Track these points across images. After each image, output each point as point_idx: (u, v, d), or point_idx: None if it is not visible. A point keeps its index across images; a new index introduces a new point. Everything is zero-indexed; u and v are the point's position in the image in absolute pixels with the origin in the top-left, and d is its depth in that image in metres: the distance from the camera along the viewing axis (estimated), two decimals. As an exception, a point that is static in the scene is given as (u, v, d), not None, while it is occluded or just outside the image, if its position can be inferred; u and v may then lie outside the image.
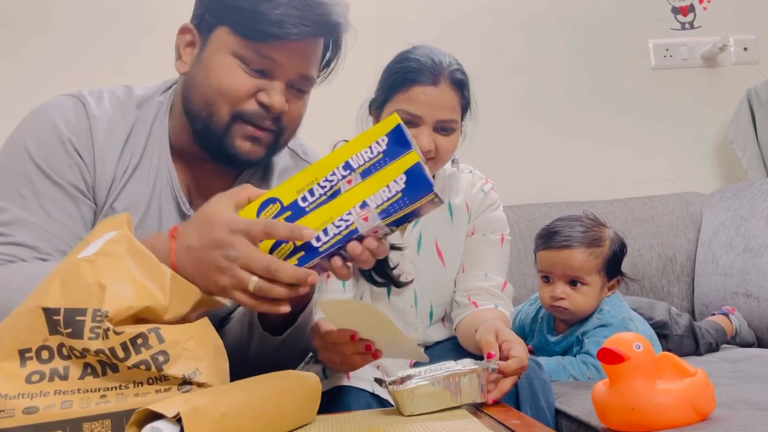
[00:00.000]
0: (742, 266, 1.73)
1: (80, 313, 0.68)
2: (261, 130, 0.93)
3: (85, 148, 0.93)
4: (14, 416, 0.65)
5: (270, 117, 0.92)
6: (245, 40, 0.89)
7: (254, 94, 0.91)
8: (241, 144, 0.93)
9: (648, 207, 2.03)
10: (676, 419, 0.88)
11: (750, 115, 2.16)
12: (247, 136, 0.92)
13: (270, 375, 0.80)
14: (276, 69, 0.91)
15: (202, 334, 0.73)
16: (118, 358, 0.67)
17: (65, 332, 0.67)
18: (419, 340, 1.32)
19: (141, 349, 0.68)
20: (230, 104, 0.91)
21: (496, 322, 1.07)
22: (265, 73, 0.91)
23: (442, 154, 1.20)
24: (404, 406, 0.85)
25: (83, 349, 0.67)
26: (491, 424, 0.81)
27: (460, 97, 1.21)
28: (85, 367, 0.68)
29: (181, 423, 0.60)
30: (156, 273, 0.72)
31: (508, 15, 2.24)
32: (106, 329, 0.67)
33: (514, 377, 0.95)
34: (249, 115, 0.91)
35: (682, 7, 2.34)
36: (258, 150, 0.94)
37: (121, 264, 0.71)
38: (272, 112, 0.91)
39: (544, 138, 2.21)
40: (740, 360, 1.49)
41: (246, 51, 0.90)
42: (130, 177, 0.95)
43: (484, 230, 1.31)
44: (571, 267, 1.37)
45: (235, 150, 0.93)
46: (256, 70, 0.91)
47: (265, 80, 0.91)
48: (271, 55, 0.90)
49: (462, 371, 0.86)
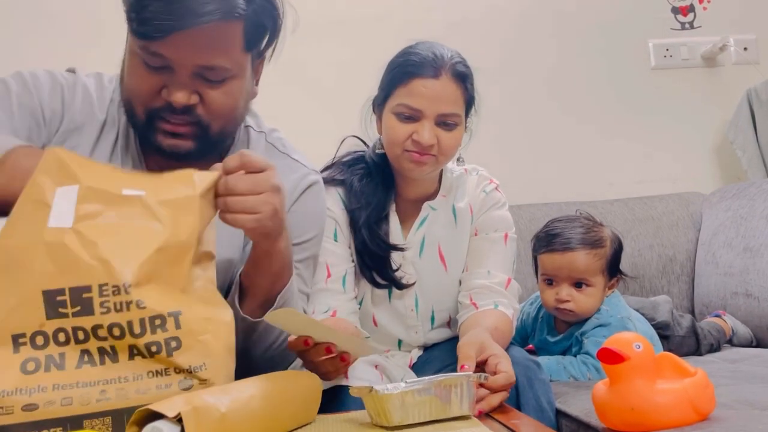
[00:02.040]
0: (742, 266, 1.73)
1: (86, 290, 0.67)
2: (179, 126, 0.93)
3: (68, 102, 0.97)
4: (13, 413, 0.64)
5: (180, 112, 0.92)
6: (141, 40, 0.89)
7: (159, 91, 0.91)
8: (163, 140, 0.93)
9: (648, 207, 2.03)
10: (676, 419, 0.88)
11: (750, 115, 2.16)
12: (166, 132, 0.93)
13: (270, 375, 0.80)
14: (173, 64, 0.90)
15: (219, 332, 0.73)
16: (134, 334, 0.67)
17: (72, 311, 0.66)
18: (419, 343, 1.32)
19: (157, 330, 0.68)
20: (142, 103, 0.93)
21: (482, 335, 1.04)
22: (165, 69, 0.90)
23: (444, 149, 1.18)
24: (392, 413, 0.79)
25: (93, 327, 0.67)
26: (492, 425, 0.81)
27: (463, 91, 1.19)
28: (82, 354, 0.67)
29: (181, 423, 0.60)
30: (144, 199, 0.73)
31: (507, 14, 2.24)
32: (128, 302, 0.66)
33: (504, 393, 0.92)
34: (160, 111, 0.92)
35: (682, 7, 2.34)
36: (184, 143, 0.94)
37: (107, 223, 0.70)
38: (176, 107, 0.91)
39: (544, 138, 2.21)
40: (740, 360, 1.49)
41: (141, 50, 0.90)
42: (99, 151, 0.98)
43: (486, 229, 1.30)
44: (576, 269, 1.37)
45: (159, 144, 0.94)
46: (154, 68, 0.90)
47: (167, 76, 0.91)
48: (160, 51, 0.88)
49: (453, 378, 0.82)
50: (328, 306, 1.18)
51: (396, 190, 1.29)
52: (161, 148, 0.94)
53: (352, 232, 1.24)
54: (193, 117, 0.93)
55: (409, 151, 1.18)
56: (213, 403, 0.64)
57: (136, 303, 0.67)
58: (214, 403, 0.64)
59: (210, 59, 0.90)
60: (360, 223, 1.23)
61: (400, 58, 1.20)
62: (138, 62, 0.91)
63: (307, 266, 1.11)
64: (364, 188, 1.25)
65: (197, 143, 0.95)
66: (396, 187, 1.28)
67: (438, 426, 0.79)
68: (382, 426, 0.80)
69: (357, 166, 1.29)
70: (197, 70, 0.90)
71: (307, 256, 1.10)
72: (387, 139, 1.22)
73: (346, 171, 1.28)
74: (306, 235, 1.09)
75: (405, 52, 1.21)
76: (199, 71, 0.91)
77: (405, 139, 1.17)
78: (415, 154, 1.17)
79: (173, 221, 0.73)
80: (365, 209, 1.23)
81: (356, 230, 1.23)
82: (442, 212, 1.30)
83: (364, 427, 0.82)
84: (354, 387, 0.83)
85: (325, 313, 1.17)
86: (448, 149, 1.19)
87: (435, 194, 1.31)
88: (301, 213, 1.08)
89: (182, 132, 0.93)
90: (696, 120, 2.28)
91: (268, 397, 0.74)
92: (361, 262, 1.24)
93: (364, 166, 1.28)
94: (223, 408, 0.65)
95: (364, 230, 1.22)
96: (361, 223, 1.23)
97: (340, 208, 1.25)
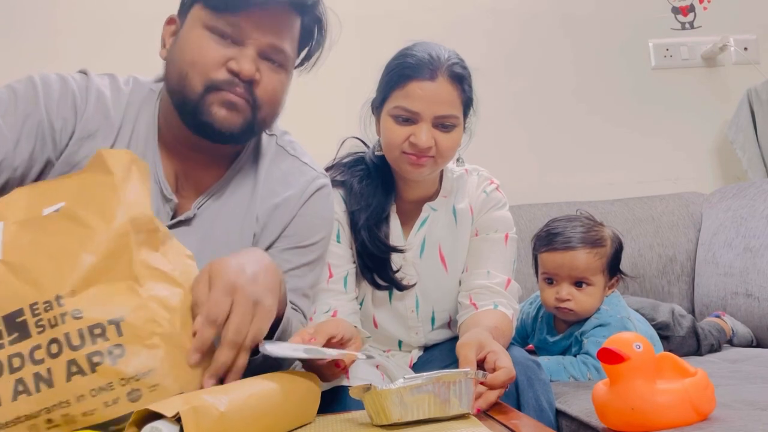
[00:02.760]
0: (742, 266, 1.73)
1: (17, 314, 0.66)
2: (239, 96, 0.94)
3: (81, 108, 0.96)
4: None
5: (242, 85, 0.94)
6: (215, 12, 0.93)
7: (225, 63, 0.93)
8: (217, 111, 0.94)
9: (648, 207, 2.03)
10: (676, 419, 0.88)
11: (750, 115, 2.16)
12: (222, 101, 0.94)
13: (270, 375, 0.79)
14: (245, 37, 0.94)
15: (172, 335, 0.70)
16: (73, 346, 0.65)
17: (9, 340, 0.65)
18: (420, 343, 1.32)
19: (98, 339, 0.66)
20: (202, 75, 0.93)
21: (482, 334, 1.04)
22: (236, 42, 0.94)
23: (442, 151, 1.18)
24: (390, 410, 0.79)
25: (32, 349, 0.65)
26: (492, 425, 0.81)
27: (460, 92, 1.18)
28: (17, 384, 0.64)
29: (180, 423, 0.60)
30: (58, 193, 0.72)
31: (508, 14, 2.24)
32: (63, 314, 0.65)
33: (502, 389, 0.92)
34: (220, 83, 0.93)
35: (682, 7, 2.34)
36: (233, 118, 0.95)
37: (36, 244, 0.69)
38: (242, 78, 0.93)
39: (544, 138, 2.21)
40: (740, 360, 1.49)
41: (216, 22, 0.93)
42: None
43: (487, 230, 1.29)
44: (576, 268, 1.37)
45: (211, 117, 0.94)
46: (226, 39, 0.93)
47: (236, 49, 0.94)
48: (239, 23, 0.93)
49: (451, 374, 0.81)
50: (329, 306, 1.18)
51: (396, 191, 1.28)
52: (213, 125, 0.94)
53: (352, 234, 1.24)
54: (251, 94, 0.95)
55: (407, 154, 1.18)
56: (212, 402, 0.64)
57: (71, 314, 0.65)
58: (213, 402, 0.64)
59: (280, 41, 0.96)
60: (360, 224, 1.23)
61: (397, 60, 1.20)
62: (206, 34, 0.94)
63: (313, 269, 1.11)
64: (363, 190, 1.25)
65: (244, 125, 0.96)
66: (396, 189, 1.28)
67: (437, 426, 0.79)
68: (382, 425, 0.80)
69: (357, 168, 1.28)
70: (266, 48, 0.95)
71: (314, 258, 1.10)
72: (385, 142, 1.21)
73: (347, 172, 1.28)
74: (314, 238, 1.09)
75: (401, 54, 1.20)
76: (267, 51, 0.95)
77: (402, 141, 1.17)
78: (413, 157, 1.17)
79: (100, 217, 0.72)
80: (365, 211, 1.23)
81: (356, 232, 1.23)
82: (442, 213, 1.30)
83: (364, 427, 0.82)
84: (353, 387, 0.83)
85: (326, 312, 1.17)
86: (447, 151, 1.18)
87: (435, 195, 1.31)
88: (310, 216, 1.08)
89: (235, 102, 0.94)
90: (696, 120, 2.28)
91: (267, 397, 0.74)
92: (361, 264, 1.24)
93: (364, 167, 1.28)
94: (222, 407, 0.64)
95: (363, 232, 1.22)
96: (361, 225, 1.22)
97: (342, 209, 1.25)
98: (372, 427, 0.81)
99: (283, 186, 1.07)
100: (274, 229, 1.05)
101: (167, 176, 1.00)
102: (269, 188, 1.06)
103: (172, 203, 0.99)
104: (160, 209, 0.98)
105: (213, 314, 0.75)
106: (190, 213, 1.00)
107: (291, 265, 1.05)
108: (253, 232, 1.03)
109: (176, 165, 1.02)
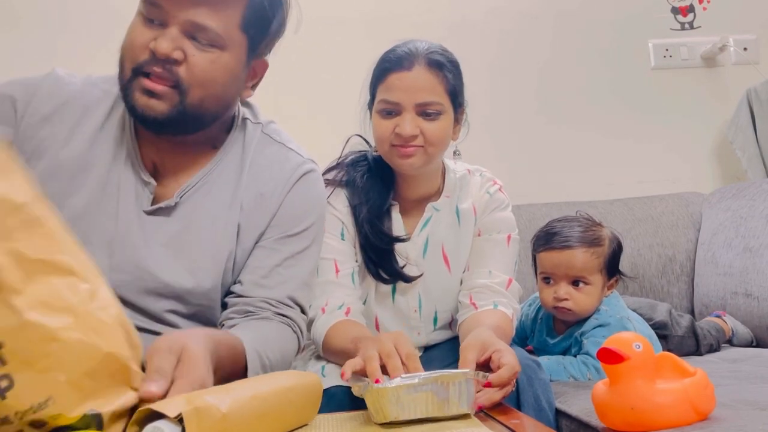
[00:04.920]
0: (742, 266, 1.73)
1: None
2: (157, 83, 0.93)
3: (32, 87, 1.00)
4: None
5: (161, 65, 0.92)
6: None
7: (149, 44, 0.93)
8: (139, 98, 0.94)
9: (648, 207, 2.03)
10: (676, 419, 0.88)
11: (750, 115, 2.16)
12: (143, 89, 0.93)
13: (271, 375, 0.80)
14: (165, 16, 0.93)
15: (76, 345, 0.58)
16: None
17: None
18: (421, 344, 1.32)
19: None
20: (131, 60, 0.94)
21: (484, 334, 1.03)
22: (162, 25, 0.93)
23: (430, 139, 1.18)
24: (387, 408, 0.79)
25: None
26: (492, 425, 0.82)
27: (441, 78, 1.18)
28: None
29: (182, 423, 0.60)
30: None
31: (507, 15, 2.24)
32: None
33: (508, 387, 0.92)
34: (143, 64, 0.93)
35: (682, 7, 2.34)
36: (158, 106, 0.94)
37: None
38: (158, 57, 0.92)
39: (544, 138, 2.21)
40: (740, 360, 1.49)
41: (142, 5, 0.94)
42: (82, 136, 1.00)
43: (489, 231, 1.30)
44: (573, 267, 1.37)
45: (134, 104, 0.94)
46: (155, 23, 0.93)
47: (161, 30, 0.93)
48: (162, 4, 0.92)
49: (450, 375, 0.81)
50: (343, 302, 1.19)
51: (397, 190, 1.29)
52: (136, 111, 0.95)
53: (356, 228, 1.25)
54: (173, 75, 0.93)
55: (395, 146, 1.19)
56: (214, 403, 0.64)
57: None
58: (215, 403, 0.64)
59: (203, 18, 0.92)
60: (361, 218, 1.24)
61: (380, 59, 1.22)
62: (138, 20, 0.94)
63: (309, 255, 1.09)
64: (364, 185, 1.26)
65: (172, 110, 0.94)
66: (397, 187, 1.29)
67: (437, 425, 0.79)
68: (381, 423, 0.80)
69: (359, 165, 1.30)
70: (189, 27, 0.93)
71: (307, 244, 1.09)
72: (375, 138, 1.24)
73: (350, 171, 1.29)
74: (303, 224, 1.08)
75: (385, 53, 1.23)
76: (191, 29, 0.93)
77: (389, 134, 1.19)
78: (401, 148, 1.18)
79: None
80: (365, 204, 1.24)
81: (359, 226, 1.24)
82: (445, 213, 1.30)
83: (364, 426, 0.82)
84: (354, 385, 0.83)
85: (339, 308, 1.18)
86: (434, 138, 1.18)
87: (438, 195, 1.31)
88: (297, 201, 1.07)
89: (159, 91, 0.93)
90: (696, 120, 2.29)
91: (269, 397, 0.74)
92: (366, 258, 1.25)
93: (366, 164, 1.30)
94: (224, 408, 0.64)
95: (365, 225, 1.23)
96: (363, 218, 1.24)
97: (345, 206, 1.25)
98: (372, 427, 0.81)
99: (268, 173, 1.06)
100: (261, 220, 1.05)
101: (146, 164, 1.02)
102: (254, 176, 1.05)
103: (151, 186, 1.00)
104: (139, 193, 1.00)
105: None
106: (171, 201, 1.00)
107: (285, 255, 1.05)
108: (237, 222, 1.03)
109: (155, 154, 1.03)
